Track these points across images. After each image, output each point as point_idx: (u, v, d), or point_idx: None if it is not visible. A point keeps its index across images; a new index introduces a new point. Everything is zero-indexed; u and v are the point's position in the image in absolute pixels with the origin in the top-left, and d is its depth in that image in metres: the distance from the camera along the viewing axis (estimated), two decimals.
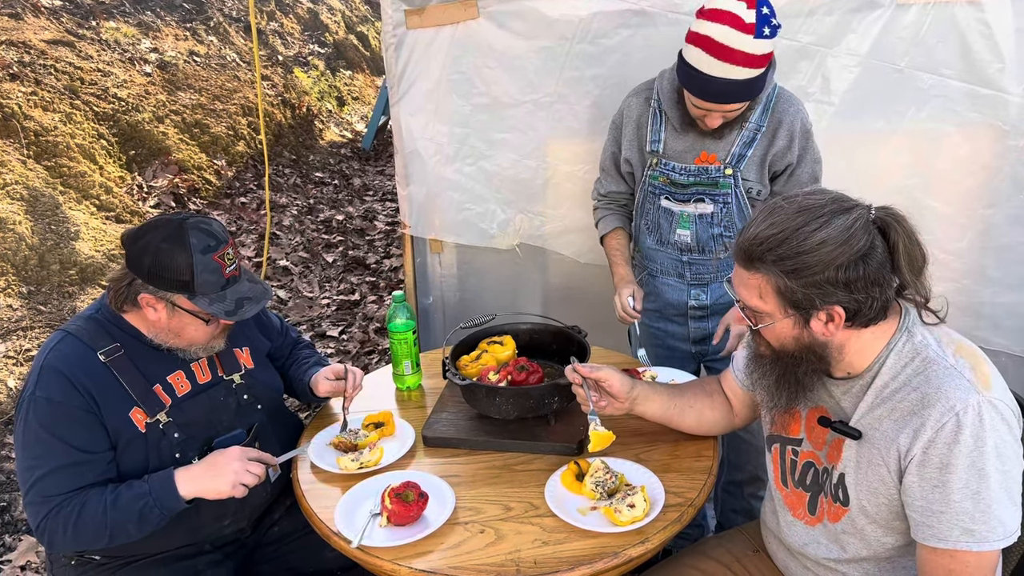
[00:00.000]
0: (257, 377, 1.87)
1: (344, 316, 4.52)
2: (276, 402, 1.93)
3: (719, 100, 1.88)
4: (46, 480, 1.57)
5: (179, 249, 1.59)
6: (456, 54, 2.58)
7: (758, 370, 1.44)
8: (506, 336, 2.05)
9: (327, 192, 6.35)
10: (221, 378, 1.80)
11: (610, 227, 2.25)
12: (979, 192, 2.37)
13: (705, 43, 1.81)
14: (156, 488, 1.59)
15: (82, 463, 1.59)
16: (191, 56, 6.36)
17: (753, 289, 1.33)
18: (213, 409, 1.76)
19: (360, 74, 8.89)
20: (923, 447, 1.25)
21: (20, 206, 4.14)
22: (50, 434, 1.57)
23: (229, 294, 1.66)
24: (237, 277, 1.69)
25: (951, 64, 2.24)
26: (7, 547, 2.80)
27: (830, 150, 2.12)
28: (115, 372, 1.64)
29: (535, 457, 1.76)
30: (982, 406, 1.22)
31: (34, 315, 3.75)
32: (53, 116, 4.76)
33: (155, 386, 1.68)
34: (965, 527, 1.23)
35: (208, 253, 1.62)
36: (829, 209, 1.27)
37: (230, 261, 1.67)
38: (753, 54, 1.80)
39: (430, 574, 1.43)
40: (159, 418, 1.67)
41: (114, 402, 1.62)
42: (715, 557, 1.69)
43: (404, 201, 2.85)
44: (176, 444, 1.68)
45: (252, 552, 1.91)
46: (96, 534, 1.57)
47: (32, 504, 1.58)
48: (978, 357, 1.29)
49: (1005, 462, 1.23)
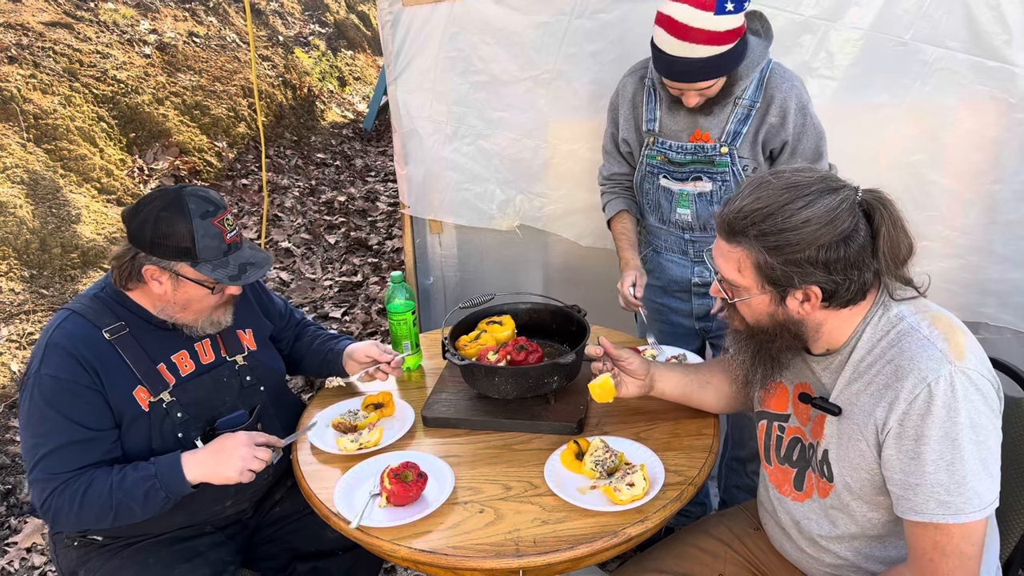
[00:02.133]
0: (259, 358, 1.87)
1: (346, 297, 4.52)
2: (278, 384, 1.93)
3: (685, 79, 1.87)
4: (51, 457, 1.57)
5: (179, 216, 1.59)
6: (453, 31, 2.55)
7: (734, 345, 1.44)
8: (505, 316, 2.04)
9: (329, 173, 6.32)
10: (224, 359, 1.80)
11: (615, 210, 2.24)
12: (986, 167, 2.33)
13: (667, 23, 1.80)
14: (163, 471, 1.59)
15: (87, 440, 1.59)
16: (191, 37, 6.32)
17: (732, 262, 1.33)
18: (216, 389, 1.76)
19: (361, 54, 8.83)
20: (898, 419, 1.24)
21: (21, 190, 4.13)
22: (56, 411, 1.57)
23: (232, 259, 1.66)
24: (238, 244, 1.69)
25: (957, 36, 2.20)
26: (13, 529, 2.82)
27: (833, 125, 2.09)
28: (119, 350, 1.64)
29: (534, 436, 1.76)
30: (954, 376, 1.21)
31: (36, 299, 3.76)
32: (52, 99, 4.74)
33: (159, 365, 1.68)
34: (940, 499, 1.22)
35: (207, 218, 1.62)
36: (816, 188, 1.26)
37: (230, 227, 1.66)
38: (715, 31, 1.78)
39: (429, 554, 1.43)
40: (163, 397, 1.67)
41: (118, 380, 1.62)
42: (715, 535, 1.69)
43: (403, 181, 2.83)
44: (179, 424, 1.68)
45: (254, 533, 1.92)
46: (101, 513, 1.58)
47: (37, 482, 1.59)
48: (954, 328, 1.28)
49: (979, 432, 1.21)
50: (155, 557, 1.71)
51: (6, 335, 3.54)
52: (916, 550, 1.28)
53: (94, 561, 1.72)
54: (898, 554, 1.40)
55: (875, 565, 1.42)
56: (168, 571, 1.69)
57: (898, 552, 1.40)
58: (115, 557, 1.72)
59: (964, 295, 2.44)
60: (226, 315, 1.76)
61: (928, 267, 1.41)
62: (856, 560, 1.43)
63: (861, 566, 1.44)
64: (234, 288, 1.71)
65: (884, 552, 1.41)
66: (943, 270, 2.41)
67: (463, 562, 1.42)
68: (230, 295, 1.73)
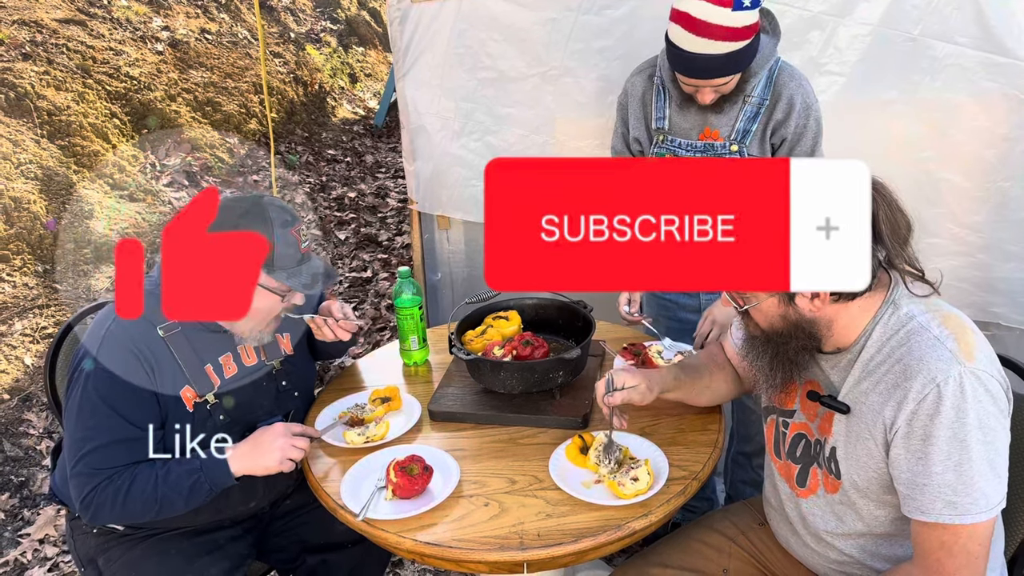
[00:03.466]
0: (295, 364, 1.89)
1: (356, 293, 4.54)
2: (310, 390, 1.96)
3: (703, 76, 1.86)
4: (98, 453, 1.58)
5: (260, 223, 1.60)
6: (461, 27, 2.56)
7: (752, 352, 1.44)
8: (511, 311, 2.05)
9: (339, 169, 6.34)
10: (263, 363, 1.81)
11: None
12: (997, 164, 2.31)
13: (684, 20, 1.79)
14: (208, 464, 1.61)
15: (135, 440, 1.60)
16: (203, 34, 6.35)
17: None
18: (256, 393, 1.78)
19: (373, 51, 8.84)
20: (906, 419, 1.24)
21: (35, 185, 4.18)
22: (109, 407, 1.58)
23: (304, 269, 1.67)
24: (310, 254, 1.71)
25: (966, 32, 2.19)
26: (26, 521, 2.86)
27: (842, 122, 2.09)
28: (171, 348, 1.65)
29: (540, 431, 1.77)
30: (964, 377, 1.20)
31: (50, 293, 3.80)
32: (66, 95, 4.78)
33: (206, 365, 1.70)
34: (947, 499, 1.22)
35: (287, 227, 1.63)
36: None
37: (304, 237, 1.68)
38: (733, 27, 1.77)
39: (434, 546, 1.44)
40: (207, 398, 1.69)
41: (169, 377, 1.64)
42: (720, 530, 1.69)
43: (411, 177, 2.84)
44: (220, 426, 1.70)
45: (267, 526, 1.95)
46: (145, 508, 1.60)
47: (80, 475, 1.59)
48: (964, 327, 1.27)
49: (988, 433, 1.21)
50: (176, 548, 1.73)
51: (19, 329, 3.58)
52: (922, 549, 1.27)
53: (114, 550, 1.74)
54: (904, 552, 1.39)
55: (881, 563, 1.42)
56: (189, 563, 1.72)
57: (904, 550, 1.39)
58: (136, 547, 1.74)
59: (974, 293, 2.43)
60: (272, 330, 1.76)
61: (938, 265, 1.41)
62: (862, 557, 1.43)
63: (867, 563, 1.44)
64: (299, 297, 1.71)
65: (890, 550, 1.41)
66: (953, 268, 2.40)
67: (467, 554, 1.43)
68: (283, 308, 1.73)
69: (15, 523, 2.85)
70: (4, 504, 2.91)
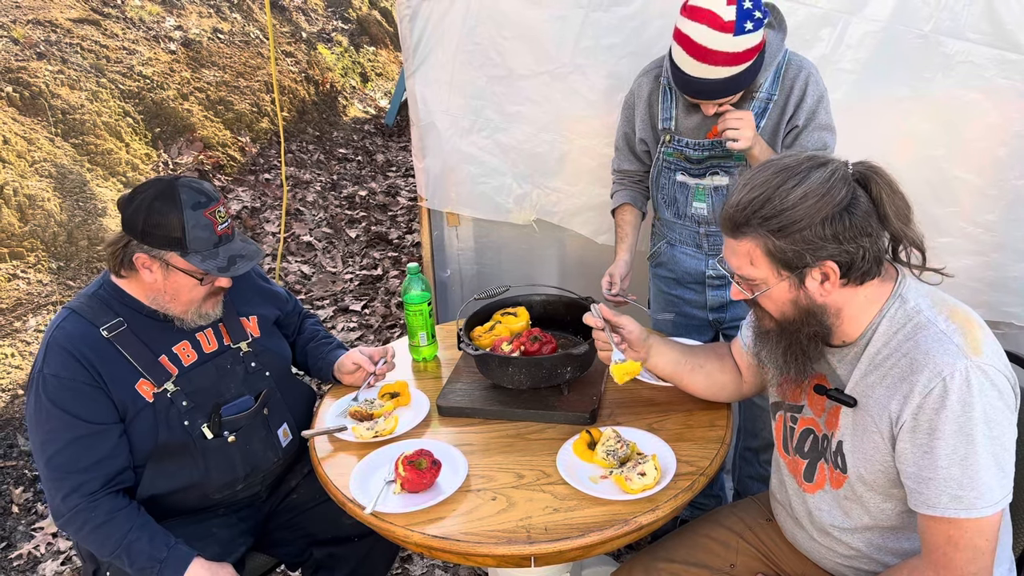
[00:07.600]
0: (264, 345, 1.90)
1: (367, 291, 4.56)
2: (284, 369, 1.96)
3: (703, 97, 1.87)
4: (61, 455, 1.62)
5: (170, 206, 1.62)
6: (471, 24, 2.56)
7: (765, 347, 1.43)
8: (520, 307, 2.06)
9: (350, 168, 6.37)
10: (228, 347, 1.83)
11: (618, 203, 2.27)
12: (1010, 162, 2.29)
13: (685, 43, 1.79)
14: (169, 562, 1.63)
15: (93, 434, 1.63)
16: (215, 33, 6.39)
17: (744, 256, 1.33)
18: (220, 377, 1.80)
19: (384, 50, 8.86)
20: (912, 413, 1.24)
21: (49, 183, 4.22)
22: (60, 409, 1.61)
23: (222, 251, 1.68)
24: (229, 236, 1.71)
25: (978, 28, 2.17)
26: (39, 515, 2.89)
27: (853, 119, 2.07)
28: (118, 347, 1.67)
29: (548, 426, 1.77)
30: (970, 371, 1.20)
31: (63, 290, 3.84)
32: (80, 94, 4.83)
33: (160, 357, 1.72)
34: (953, 493, 1.22)
35: (199, 209, 1.64)
36: (805, 166, 1.28)
37: (222, 219, 1.69)
38: (735, 52, 1.77)
39: (442, 539, 1.45)
40: (167, 387, 1.70)
41: (119, 376, 1.66)
42: (728, 526, 1.69)
43: (420, 174, 2.85)
44: (184, 412, 1.72)
45: (270, 518, 1.95)
46: (102, 550, 1.65)
47: (49, 480, 1.64)
48: (971, 322, 1.27)
49: (994, 428, 1.21)
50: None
51: (34, 325, 3.62)
52: (929, 543, 1.27)
53: None
54: (912, 546, 1.39)
55: (888, 556, 1.42)
56: None
57: (912, 544, 1.39)
58: None
59: (987, 293, 2.41)
60: (216, 307, 1.78)
61: (950, 264, 1.40)
62: (869, 551, 1.43)
63: (874, 557, 1.43)
64: (223, 280, 1.72)
65: (897, 544, 1.40)
66: (966, 267, 2.38)
67: (475, 548, 1.43)
68: (219, 287, 1.75)
69: (29, 516, 2.88)
70: (18, 498, 2.94)
